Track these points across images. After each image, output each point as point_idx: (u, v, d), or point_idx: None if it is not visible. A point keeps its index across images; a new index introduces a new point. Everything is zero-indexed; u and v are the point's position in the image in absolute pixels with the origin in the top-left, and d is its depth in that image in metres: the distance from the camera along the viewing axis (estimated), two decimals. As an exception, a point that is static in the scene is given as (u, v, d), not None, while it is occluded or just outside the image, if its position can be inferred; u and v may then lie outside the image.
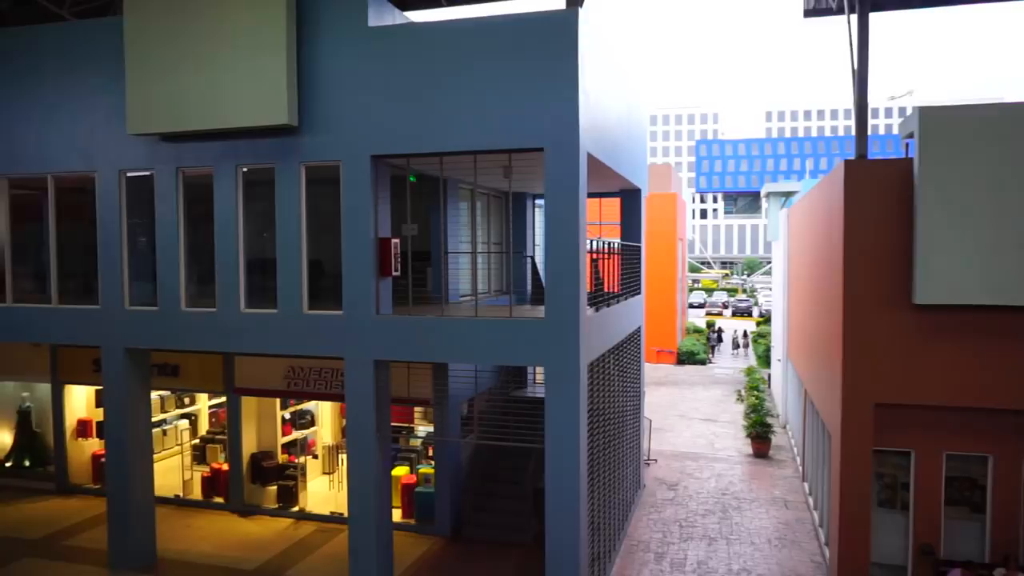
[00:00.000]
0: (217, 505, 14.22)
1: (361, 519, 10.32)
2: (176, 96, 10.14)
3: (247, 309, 10.59)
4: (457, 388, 12.99)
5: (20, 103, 11.61)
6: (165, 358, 14.01)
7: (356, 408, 10.22)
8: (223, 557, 12.03)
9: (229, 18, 9.86)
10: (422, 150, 9.65)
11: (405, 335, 9.87)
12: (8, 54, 11.74)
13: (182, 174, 10.84)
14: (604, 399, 11.67)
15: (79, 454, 15.30)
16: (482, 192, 14.76)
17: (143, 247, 11.34)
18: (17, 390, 15.77)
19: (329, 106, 9.95)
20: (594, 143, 10.05)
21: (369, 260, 9.94)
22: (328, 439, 15.36)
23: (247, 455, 13.98)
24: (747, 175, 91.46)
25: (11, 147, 11.69)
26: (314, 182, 10.30)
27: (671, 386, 28.92)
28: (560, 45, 9.04)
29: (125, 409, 11.42)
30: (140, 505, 11.66)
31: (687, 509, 14.57)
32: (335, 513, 13.56)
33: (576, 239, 9.18)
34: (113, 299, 11.25)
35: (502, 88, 9.23)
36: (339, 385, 13.05)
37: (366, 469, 10.25)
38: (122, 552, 11.55)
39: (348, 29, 9.84)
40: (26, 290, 12.11)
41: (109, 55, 10.97)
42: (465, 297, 13.73)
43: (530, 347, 9.41)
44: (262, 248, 10.74)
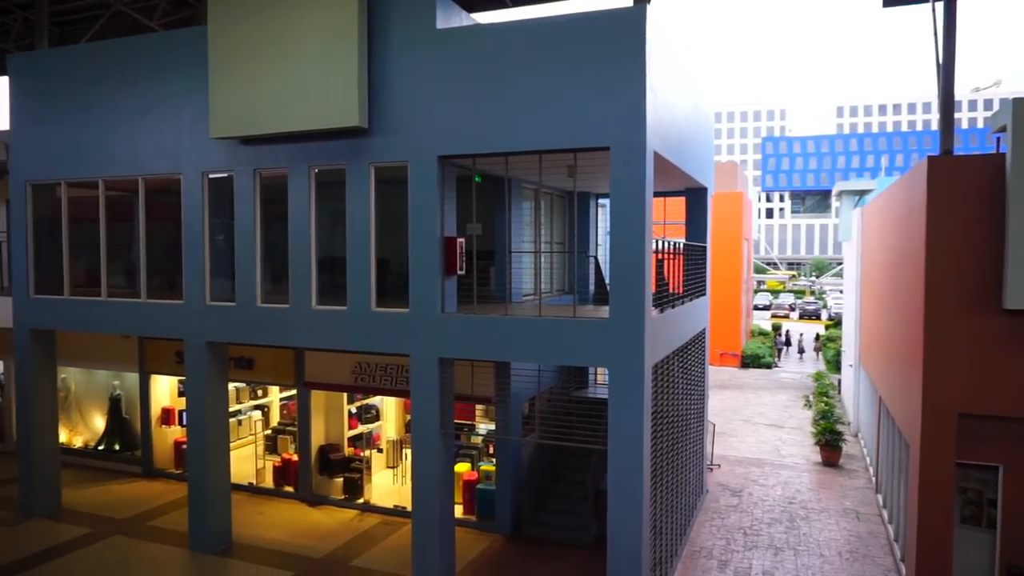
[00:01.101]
0: (287, 494, 14.73)
1: (425, 514, 10.52)
2: (254, 101, 10.56)
3: (318, 306, 10.94)
4: (519, 387, 13.08)
5: (115, 110, 12.32)
6: (241, 352, 14.60)
7: (421, 405, 10.42)
8: (293, 544, 12.46)
9: (304, 25, 10.21)
10: (488, 150, 9.76)
11: (469, 333, 10.01)
12: (104, 64, 12.47)
13: (259, 175, 11.28)
14: (668, 402, 11.55)
15: (163, 440, 16.13)
16: (545, 192, 14.80)
17: (222, 245, 11.85)
18: (109, 379, 16.73)
19: (398, 108, 10.17)
20: (661, 141, 9.96)
21: (435, 259, 10.12)
22: (392, 434, 15.70)
23: (315, 447, 14.43)
24: (816, 173, 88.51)
25: (107, 151, 12.41)
26: (382, 182, 10.56)
27: (735, 390, 28.32)
28: (627, 43, 9.00)
29: (205, 399, 11.98)
30: (217, 491, 12.21)
31: (752, 517, 14.27)
32: (398, 507, 13.85)
33: (642, 239, 9.13)
34: (195, 295, 11.80)
35: (568, 87, 9.25)
36: (404, 381, 13.33)
37: (430, 465, 10.44)
38: (201, 535, 12.12)
39: (417, 32, 10.05)
40: (118, 286, 12.83)
41: (193, 63, 11.51)
42: (527, 296, 13.80)
43: (594, 348, 9.41)
44: (332, 247, 11.08)
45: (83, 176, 12.70)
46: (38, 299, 13.32)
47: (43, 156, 13.08)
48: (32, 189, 13.32)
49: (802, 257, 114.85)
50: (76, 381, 17.32)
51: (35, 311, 13.37)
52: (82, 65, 12.74)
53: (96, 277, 12.87)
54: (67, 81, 12.84)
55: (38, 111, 13.12)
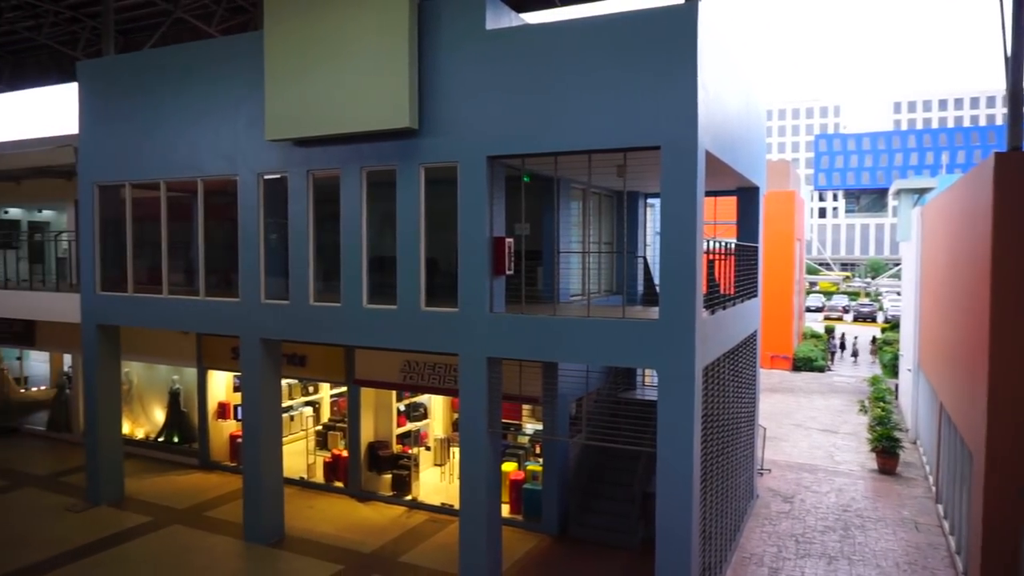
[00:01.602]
0: (337, 489, 15.01)
1: (472, 512, 10.59)
2: (308, 104, 10.79)
3: (368, 305, 11.11)
4: (566, 387, 13.05)
5: (176, 113, 12.75)
6: (294, 349, 14.94)
7: (469, 404, 10.49)
8: (342, 539, 12.69)
9: (356, 29, 10.38)
10: (537, 150, 9.77)
11: (518, 333, 10.03)
12: (165, 70, 12.92)
13: (312, 176, 11.52)
14: (718, 405, 11.38)
15: (219, 434, 16.62)
16: (594, 191, 14.73)
17: (276, 245, 12.15)
18: (169, 373, 17.34)
19: (447, 108, 10.26)
20: (712, 140, 9.82)
21: (484, 259, 10.17)
22: (439, 432, 15.84)
23: (365, 443, 14.66)
24: (872, 171, 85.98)
25: (168, 153, 12.84)
26: (432, 182, 10.67)
27: (786, 393, 27.71)
28: (679, 40, 8.89)
29: (259, 395, 12.29)
30: (271, 484, 12.52)
31: (804, 524, 13.94)
32: (446, 504, 13.97)
33: (693, 239, 9.01)
34: (251, 293, 12.12)
35: (618, 86, 9.19)
36: (452, 380, 13.44)
37: (477, 464, 10.50)
38: (255, 526, 12.45)
39: (466, 33, 10.12)
40: (178, 283, 13.28)
41: (250, 67, 11.82)
42: (575, 297, 13.75)
43: (643, 349, 9.33)
44: (383, 246, 11.24)
45: (146, 178, 13.17)
46: (104, 296, 13.87)
47: (109, 158, 13.62)
48: (99, 190, 13.87)
49: (856, 258, 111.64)
50: (138, 375, 17.99)
51: (101, 307, 13.92)
52: (145, 71, 13.21)
53: (158, 275, 13.33)
54: (131, 86, 13.34)
55: (105, 115, 13.67)
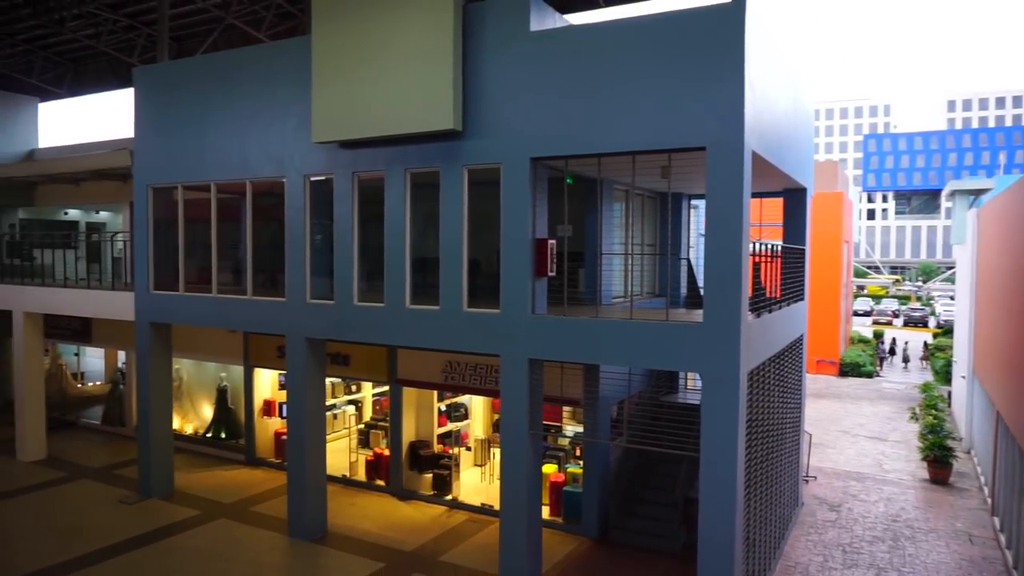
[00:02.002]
0: (378, 487, 15.18)
1: (512, 513, 10.60)
2: (354, 106, 10.95)
3: (411, 306, 11.21)
4: (608, 390, 12.97)
5: (226, 117, 13.07)
6: (338, 348, 15.16)
7: (510, 405, 10.50)
8: (384, 537, 12.83)
9: (401, 32, 10.50)
10: (581, 151, 9.74)
11: (560, 335, 10.01)
12: (217, 75, 13.26)
13: (357, 178, 11.68)
14: (763, 410, 11.18)
15: (264, 431, 16.97)
16: (637, 193, 14.63)
17: (321, 246, 12.35)
18: (216, 371, 17.78)
19: (491, 110, 10.30)
20: (759, 140, 9.66)
21: (526, 260, 10.18)
22: (480, 432, 15.90)
23: (406, 443, 14.80)
24: (923, 171, 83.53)
25: (219, 156, 13.17)
26: (475, 184, 10.72)
27: (833, 399, 27.07)
28: (725, 39, 8.77)
29: (304, 393, 12.51)
30: (314, 481, 12.73)
31: (851, 533, 13.60)
32: (486, 505, 14.01)
33: (739, 241, 8.88)
34: (297, 293, 12.35)
35: (663, 86, 9.11)
36: (493, 381, 13.48)
37: (518, 465, 10.51)
38: (299, 522, 12.67)
39: (511, 35, 10.14)
40: (226, 283, 13.60)
41: (297, 71, 12.05)
42: (617, 299, 13.67)
43: (687, 352, 9.22)
44: (426, 247, 11.33)
45: (198, 179, 13.52)
46: (157, 295, 14.29)
47: (163, 161, 14.03)
48: (153, 192, 14.30)
49: (907, 260, 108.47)
50: (188, 372, 18.49)
51: (154, 306, 14.34)
52: (197, 76, 13.58)
53: (207, 275, 13.68)
54: (184, 91, 13.72)
55: (159, 119, 14.09)
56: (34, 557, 11.86)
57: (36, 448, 17.22)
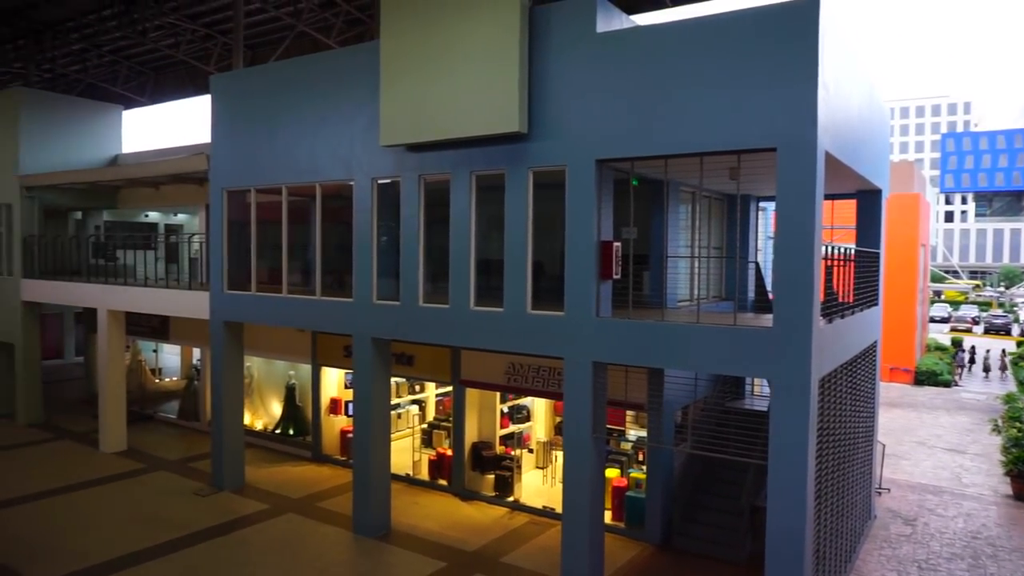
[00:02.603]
0: (441, 487, 15.35)
1: (574, 516, 10.56)
2: (421, 110, 11.12)
3: (476, 307, 11.31)
4: (672, 394, 12.79)
5: (297, 122, 13.46)
6: (402, 348, 15.41)
7: (573, 408, 10.47)
8: (446, 536, 12.96)
9: (468, 36, 10.61)
10: (647, 153, 9.64)
11: (625, 338, 9.93)
12: (288, 81, 13.69)
13: (423, 180, 11.86)
14: (834, 418, 10.82)
15: (330, 428, 17.39)
16: (704, 194, 14.39)
17: (387, 247, 12.58)
18: (285, 369, 18.32)
19: (557, 112, 10.30)
20: (832, 140, 9.37)
21: (591, 263, 10.14)
22: (542, 435, 15.90)
23: (469, 443, 14.92)
24: (1006, 171, 79.43)
25: (290, 160, 13.58)
26: (540, 186, 10.73)
27: (907, 408, 25.98)
28: (798, 38, 8.54)
29: (370, 392, 12.77)
30: (379, 479, 12.97)
31: (928, 549, 13.02)
32: (547, 507, 13.99)
33: (811, 245, 8.63)
34: (364, 294, 12.61)
35: (732, 86, 8.93)
36: (555, 383, 13.47)
37: (581, 468, 10.46)
38: (363, 519, 12.93)
39: (577, 37, 10.12)
40: (296, 284, 14.01)
41: (365, 76, 12.31)
42: (683, 302, 13.47)
43: (756, 357, 9.00)
44: (490, 249, 11.41)
45: (270, 183, 13.98)
46: (230, 294, 14.83)
47: (237, 165, 14.55)
48: (227, 195, 14.85)
49: (988, 265, 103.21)
50: (258, 369, 19.11)
51: (227, 305, 14.89)
52: (270, 82, 14.05)
53: (278, 275, 14.12)
54: (257, 97, 14.21)
55: (233, 125, 14.62)
56: (119, 543, 12.46)
57: (117, 440, 18.09)
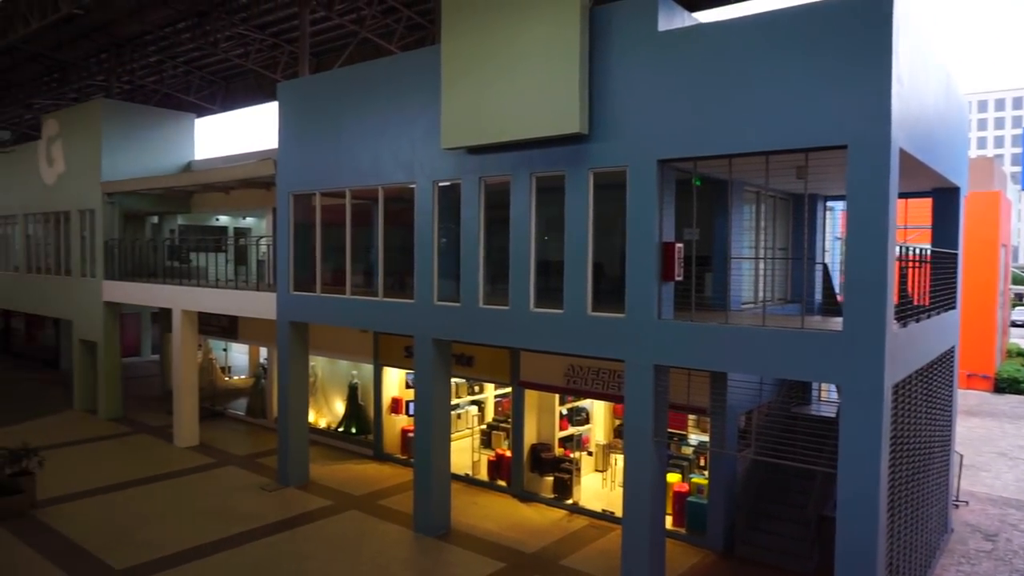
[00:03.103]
0: (499, 488, 15.41)
1: (635, 521, 10.44)
2: (482, 112, 11.20)
3: (535, 309, 11.31)
4: (735, 399, 12.51)
5: (360, 126, 13.75)
6: (462, 349, 15.54)
7: (634, 411, 10.35)
8: (505, 537, 13.00)
9: (528, 37, 10.63)
10: (711, 152, 9.46)
11: (687, 341, 9.76)
12: (351, 87, 14.00)
13: (484, 183, 11.94)
14: (908, 426, 10.39)
15: (392, 427, 17.68)
16: (769, 194, 14.03)
17: (447, 249, 12.71)
18: (348, 368, 18.73)
19: (618, 112, 10.21)
20: (907, 137, 8.99)
21: (652, 264, 10.01)
22: (601, 438, 15.79)
23: (527, 445, 14.93)
24: (1097, 167, 74.77)
25: (354, 164, 13.88)
26: (600, 187, 10.66)
27: (987, 417, 24.71)
28: (870, 30, 8.23)
29: (430, 392, 12.92)
30: (439, 479, 13.11)
31: (1010, 567, 12.34)
32: (607, 511, 13.88)
33: (884, 245, 8.31)
34: (425, 295, 12.77)
35: (800, 82, 8.68)
36: (615, 386, 13.35)
37: (642, 472, 10.34)
38: (424, 518, 13.09)
39: (638, 36, 10.02)
40: (359, 285, 14.30)
41: (426, 80, 12.48)
42: (746, 305, 13.17)
43: (824, 362, 8.71)
44: (550, 251, 11.40)
45: (334, 186, 14.31)
46: (296, 295, 15.25)
47: (303, 169, 14.96)
48: (293, 199, 15.28)
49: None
50: (322, 369, 19.59)
51: (293, 306, 15.31)
52: (334, 89, 14.39)
53: (341, 277, 14.44)
54: (322, 103, 14.57)
55: (299, 130, 15.04)
56: (192, 534, 12.96)
57: (190, 435, 18.82)
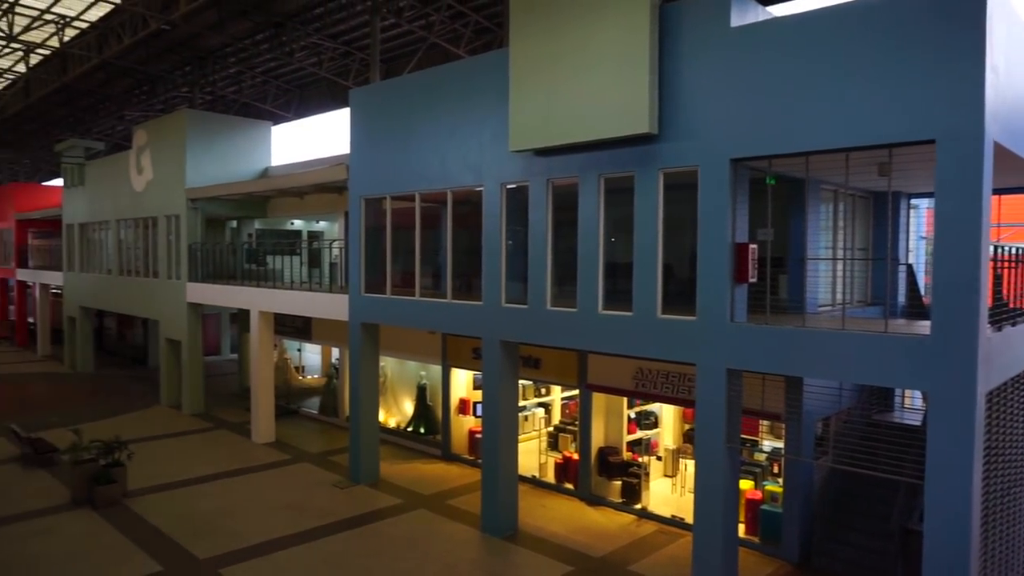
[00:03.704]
0: (566, 491, 15.32)
1: (706, 528, 10.20)
2: (550, 114, 11.16)
3: (604, 311, 11.19)
4: (812, 404, 12.06)
5: (429, 131, 13.93)
6: (529, 351, 15.53)
7: (706, 416, 10.12)
8: (572, 540, 12.91)
9: (597, 38, 10.52)
10: (787, 150, 9.15)
11: (761, 344, 9.47)
12: (421, 92, 14.20)
13: (551, 184, 11.90)
14: (1004, 436, 9.79)
15: (459, 428, 17.84)
16: (847, 193, 13.48)
17: (514, 251, 12.73)
18: (417, 369, 19.01)
19: (688, 111, 10.01)
20: (1002, 129, 8.47)
21: (724, 266, 9.76)
22: (670, 442, 15.50)
23: (595, 448, 14.79)
24: None
25: (423, 167, 14.07)
26: (669, 187, 10.47)
27: (1091, 429, 23.01)
28: (961, 16, 7.78)
29: (498, 393, 12.96)
30: (506, 480, 13.14)
31: (1121, 588, 11.45)
32: (676, 517, 13.61)
33: (976, 245, 7.84)
34: (493, 297, 12.83)
35: (883, 74, 8.28)
36: (685, 390, 13.08)
37: (714, 478, 10.09)
38: (491, 519, 13.14)
39: (710, 33, 9.79)
40: (428, 287, 14.49)
41: (494, 83, 12.54)
42: (823, 307, 12.68)
43: (910, 368, 8.29)
44: (618, 253, 11.26)
45: (404, 190, 14.54)
46: (367, 297, 15.57)
47: (373, 174, 15.26)
48: (364, 203, 15.62)
49: None
50: (392, 369, 19.94)
51: (364, 307, 15.64)
52: (404, 94, 14.63)
53: (411, 279, 14.66)
54: (392, 108, 14.84)
55: (371, 135, 15.36)
56: (269, 527, 13.41)
57: (267, 432, 19.49)
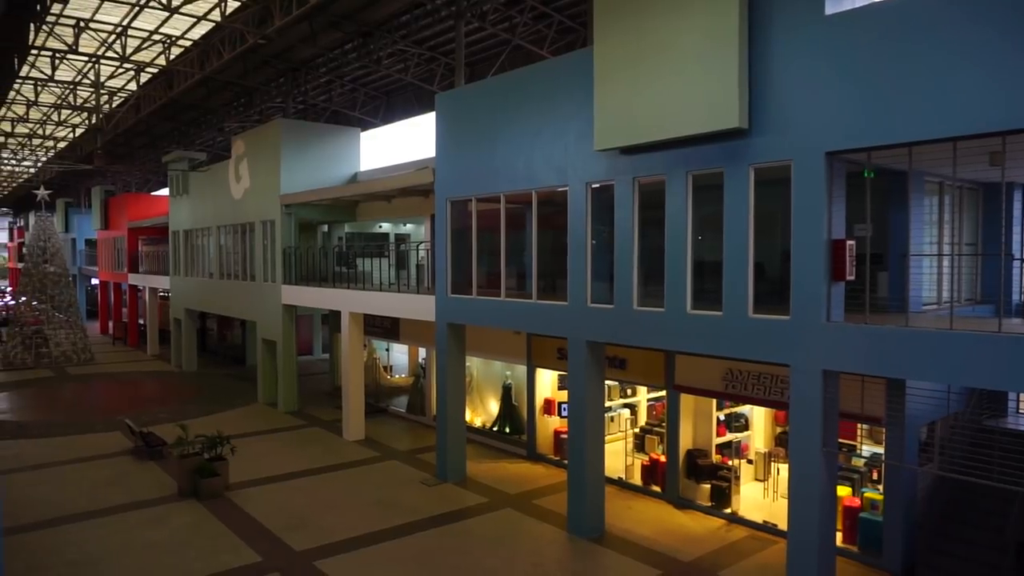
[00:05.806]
0: (654, 493, 15.13)
1: (802, 535, 9.86)
2: (635, 112, 11.05)
3: (693, 310, 11.00)
4: (916, 408, 11.44)
5: (514, 132, 14.07)
6: (615, 351, 15.42)
7: (800, 419, 9.78)
8: (660, 544, 12.73)
9: (684, 33, 10.35)
10: (887, 141, 8.74)
11: (860, 345, 9.08)
12: (505, 94, 14.37)
13: (637, 183, 11.80)
14: None
15: (544, 428, 17.90)
16: (954, 185, 12.73)
17: (600, 251, 12.68)
18: (502, 369, 19.21)
19: (780, 104, 9.71)
20: None
21: (820, 263, 9.42)
22: (761, 445, 15.06)
23: (683, 450, 14.54)
24: None
25: (508, 169, 14.22)
26: (760, 182, 10.19)
27: None
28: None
29: (584, 394, 12.95)
30: (593, 481, 13.09)
31: None
32: (768, 522, 13.21)
33: (1106, 238, 7.27)
34: (578, 297, 12.82)
35: (994, 57, 7.79)
36: (777, 392, 12.69)
37: (809, 484, 9.75)
38: (578, 520, 13.14)
39: (803, 22, 9.48)
40: (513, 287, 14.64)
41: (578, 83, 12.54)
42: (928, 306, 12.02)
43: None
44: (707, 251, 11.05)
45: (490, 192, 14.73)
46: (453, 298, 15.86)
47: (459, 176, 15.54)
48: (450, 205, 15.92)
49: None
50: (477, 369, 20.22)
51: (451, 308, 15.93)
52: (488, 97, 14.83)
53: (496, 280, 14.83)
54: (477, 111, 15.07)
55: (456, 138, 15.65)
56: (361, 523, 13.86)
57: (357, 429, 20.14)
